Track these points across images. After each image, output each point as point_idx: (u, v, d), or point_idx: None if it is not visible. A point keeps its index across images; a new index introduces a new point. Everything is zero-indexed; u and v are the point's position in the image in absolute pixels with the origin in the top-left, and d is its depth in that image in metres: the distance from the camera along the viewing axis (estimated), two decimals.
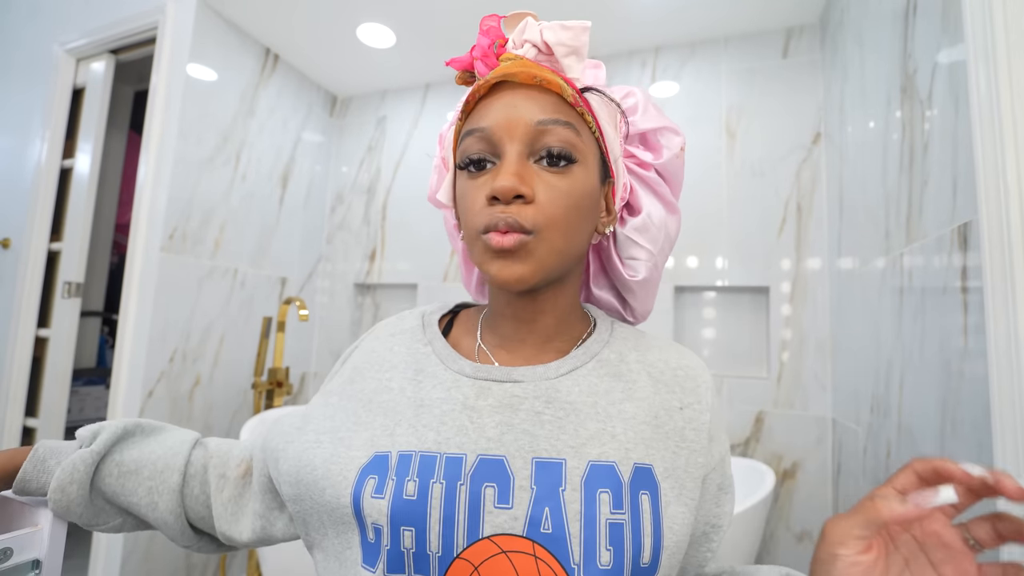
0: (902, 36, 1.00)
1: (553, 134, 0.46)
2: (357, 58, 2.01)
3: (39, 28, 2.00)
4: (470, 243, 0.48)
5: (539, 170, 0.46)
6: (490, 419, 0.46)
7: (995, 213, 0.67)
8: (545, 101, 0.46)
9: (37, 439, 1.78)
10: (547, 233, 0.45)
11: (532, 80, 0.46)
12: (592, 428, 0.46)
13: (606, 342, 0.53)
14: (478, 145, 0.47)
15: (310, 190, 2.21)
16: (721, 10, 1.62)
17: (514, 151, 0.45)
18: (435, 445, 0.45)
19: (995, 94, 0.67)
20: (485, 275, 0.47)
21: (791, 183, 1.61)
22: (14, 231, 1.89)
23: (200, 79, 1.69)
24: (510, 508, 0.42)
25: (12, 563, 0.44)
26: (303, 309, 1.69)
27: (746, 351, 1.66)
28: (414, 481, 0.44)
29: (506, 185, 0.43)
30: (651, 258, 0.55)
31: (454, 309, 0.61)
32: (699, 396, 0.51)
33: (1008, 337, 0.64)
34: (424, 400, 0.49)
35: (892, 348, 1.04)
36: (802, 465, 1.51)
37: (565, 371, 0.49)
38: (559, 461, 0.44)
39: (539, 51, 0.49)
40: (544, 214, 0.45)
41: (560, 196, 0.45)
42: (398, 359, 0.53)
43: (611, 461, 0.44)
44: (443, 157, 0.57)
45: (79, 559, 1.55)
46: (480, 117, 0.47)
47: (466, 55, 0.52)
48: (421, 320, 0.57)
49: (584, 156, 0.47)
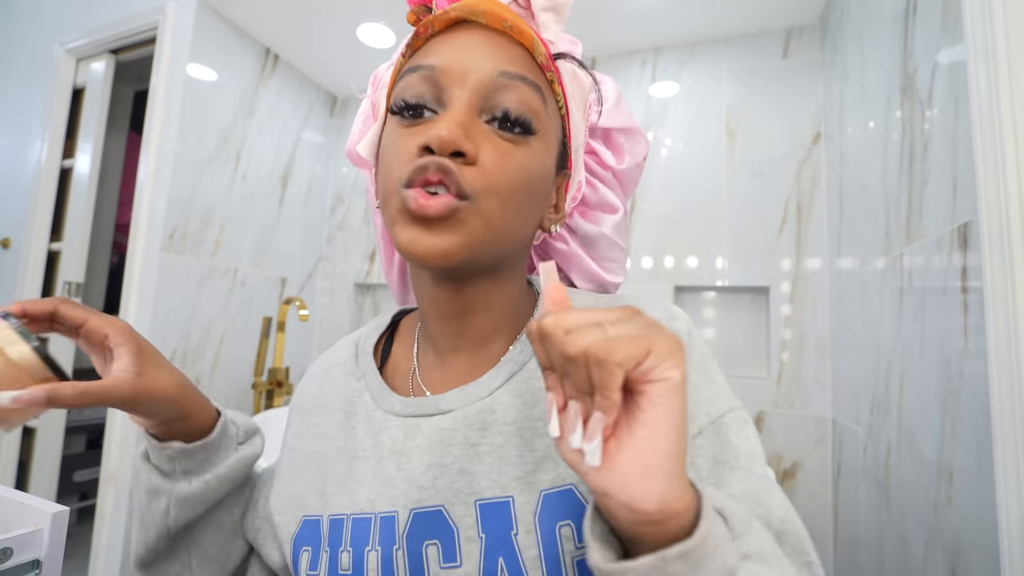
0: (902, 36, 1.00)
1: (514, 91, 0.37)
2: (357, 58, 2.01)
3: (39, 28, 2.00)
4: (384, 201, 0.38)
5: (489, 131, 0.37)
6: (419, 462, 0.39)
7: (995, 213, 0.67)
8: (511, 53, 0.38)
9: (37, 439, 1.78)
10: (486, 201, 0.36)
11: (500, 24, 0.38)
12: (540, 448, 0.37)
13: None
14: (420, 87, 0.37)
15: (310, 190, 2.21)
16: (721, 10, 1.62)
17: (463, 100, 0.36)
18: (368, 504, 0.39)
19: (995, 94, 0.67)
20: (396, 245, 0.37)
21: (791, 183, 1.61)
22: (14, 231, 1.89)
23: (200, 79, 1.69)
24: (459, 566, 0.35)
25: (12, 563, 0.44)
26: (303, 309, 1.69)
27: (746, 351, 1.66)
28: (347, 552, 0.38)
29: (443, 135, 0.34)
30: (625, 259, 0.51)
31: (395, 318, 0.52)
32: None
33: (1008, 337, 0.64)
34: (356, 450, 0.42)
35: (892, 348, 1.04)
36: (802, 465, 1.51)
37: (500, 383, 0.40)
38: (506, 500, 0.36)
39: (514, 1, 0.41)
40: (487, 179, 0.36)
41: (510, 165, 0.37)
42: (329, 399, 0.46)
43: (568, 484, 0.36)
44: (373, 102, 0.47)
45: (79, 559, 1.55)
46: (428, 54, 0.38)
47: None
48: (355, 349, 0.49)
49: (545, 130, 0.39)
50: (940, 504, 0.83)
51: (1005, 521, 0.64)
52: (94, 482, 2.07)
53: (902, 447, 0.99)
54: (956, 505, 0.78)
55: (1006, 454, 0.64)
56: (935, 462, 0.85)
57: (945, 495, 0.81)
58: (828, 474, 1.48)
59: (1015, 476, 0.63)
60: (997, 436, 0.65)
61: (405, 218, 0.36)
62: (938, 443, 0.84)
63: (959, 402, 0.77)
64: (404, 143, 0.37)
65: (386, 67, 0.47)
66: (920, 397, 0.91)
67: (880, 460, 1.10)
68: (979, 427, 0.71)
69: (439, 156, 0.35)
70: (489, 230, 0.37)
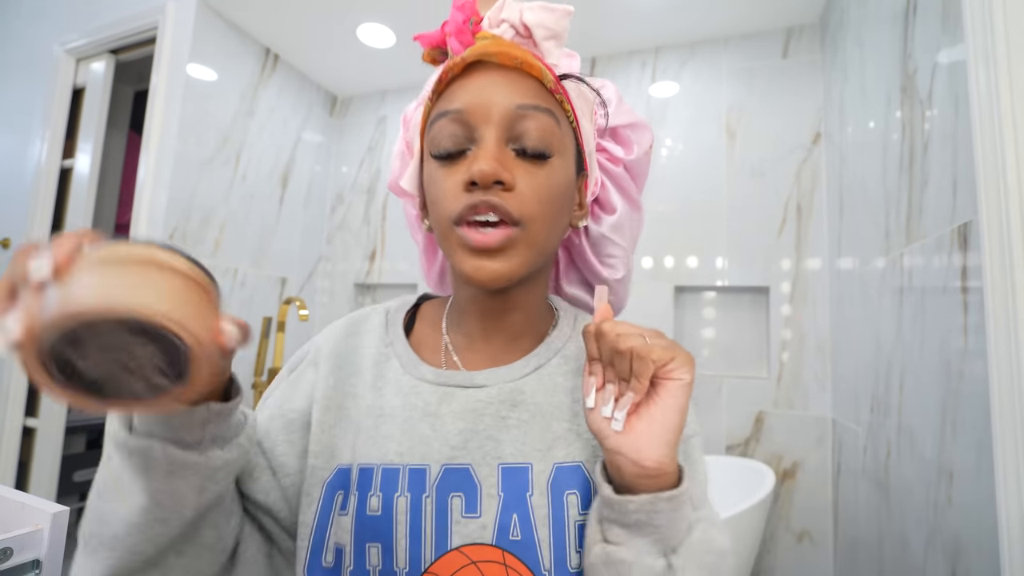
0: (902, 36, 1.00)
1: (532, 120, 0.43)
2: (357, 58, 2.01)
3: (39, 28, 2.00)
4: (442, 235, 0.44)
5: (517, 160, 0.43)
6: (453, 426, 0.44)
7: (995, 213, 0.67)
8: (524, 85, 0.43)
9: (37, 439, 1.78)
10: (531, 225, 0.42)
11: (511, 62, 0.43)
12: (558, 429, 0.45)
13: (568, 336, 0.51)
14: (451, 128, 0.43)
15: (310, 190, 2.21)
16: (721, 10, 1.63)
17: (492, 135, 0.42)
18: (396, 456, 0.43)
19: (995, 94, 0.67)
20: (458, 273, 0.44)
21: (791, 183, 1.61)
22: (14, 231, 1.89)
23: (200, 79, 1.69)
24: (478, 517, 0.41)
25: (12, 563, 0.44)
26: (303, 309, 1.69)
27: (746, 351, 1.66)
28: (377, 496, 0.42)
29: (486, 168, 0.40)
30: (626, 255, 0.55)
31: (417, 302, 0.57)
32: None
33: (1008, 337, 0.64)
34: (384, 408, 0.46)
35: (892, 348, 1.04)
36: (802, 465, 1.51)
37: (529, 370, 0.47)
38: (525, 466, 0.43)
39: (517, 33, 0.45)
40: (528, 204, 0.42)
41: (541, 187, 0.43)
42: (363, 363, 0.50)
43: (577, 461, 0.44)
44: (407, 141, 0.53)
45: None
46: (454, 98, 0.43)
47: (436, 31, 0.47)
48: (385, 318, 0.54)
49: (562, 148, 0.45)
50: (940, 504, 0.83)
51: (1005, 521, 0.64)
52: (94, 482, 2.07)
53: (902, 447, 0.98)
54: (956, 505, 0.78)
55: (1006, 454, 0.64)
56: (935, 462, 0.85)
57: (945, 495, 0.81)
58: (828, 474, 1.48)
59: (1015, 476, 0.63)
60: (997, 436, 0.65)
61: (466, 251, 0.42)
62: (938, 443, 0.84)
63: (959, 402, 0.77)
64: (447, 181, 0.43)
65: (414, 108, 0.52)
66: (920, 397, 0.91)
67: (880, 460, 1.10)
68: (979, 427, 0.71)
69: (484, 189, 0.41)
70: (536, 248, 0.44)
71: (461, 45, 0.46)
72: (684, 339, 1.72)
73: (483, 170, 0.40)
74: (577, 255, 0.56)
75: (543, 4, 0.45)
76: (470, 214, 0.41)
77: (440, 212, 0.43)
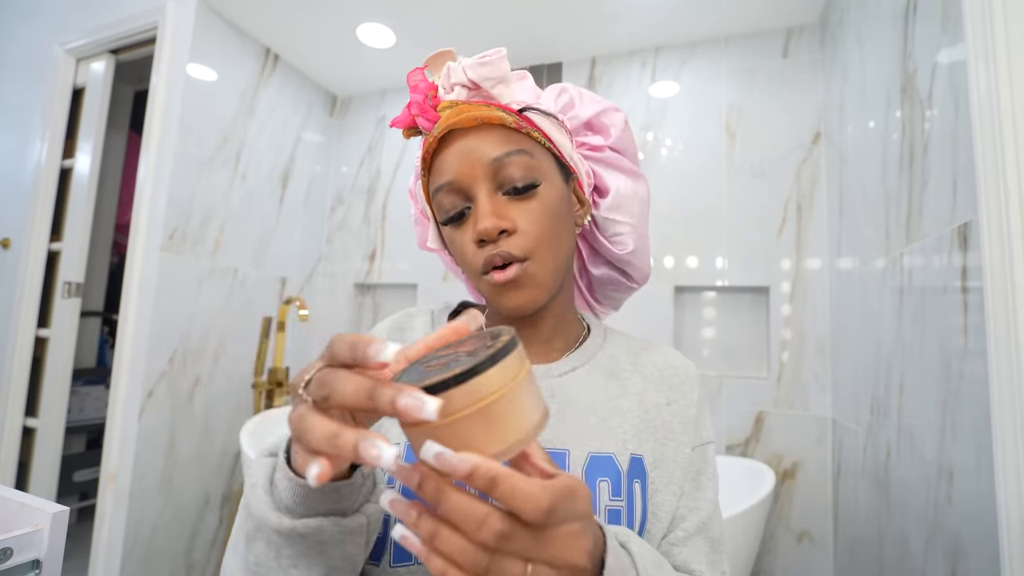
0: (902, 36, 1.00)
1: (511, 165, 0.48)
2: (357, 58, 2.01)
3: (39, 28, 2.00)
4: (475, 281, 0.51)
5: (509, 201, 0.49)
6: None
7: (995, 213, 0.67)
8: (493, 137, 0.49)
9: (37, 439, 1.78)
10: (538, 255, 0.48)
11: (475, 122, 0.48)
12: (591, 423, 0.50)
13: (600, 346, 0.57)
14: (450, 199, 0.50)
15: (310, 190, 2.21)
16: (721, 10, 1.62)
17: (483, 192, 0.48)
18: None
19: (995, 94, 0.67)
20: (499, 308, 0.50)
21: (791, 183, 1.61)
22: (14, 231, 1.89)
23: (200, 79, 1.69)
24: None
25: (12, 563, 0.44)
26: (303, 309, 1.69)
27: (746, 351, 1.66)
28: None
29: (487, 226, 0.46)
30: (633, 229, 0.58)
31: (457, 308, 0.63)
32: (684, 392, 0.55)
33: (1008, 337, 0.64)
34: None
35: (892, 348, 1.04)
36: (802, 465, 1.51)
37: (567, 370, 0.53)
38: (563, 451, 0.48)
39: (469, 89, 0.51)
40: (530, 239, 0.48)
41: (537, 218, 0.48)
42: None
43: (609, 452, 0.49)
44: (420, 210, 0.61)
45: (79, 559, 1.55)
46: (441, 172, 0.50)
47: (404, 113, 0.54)
48: (431, 318, 0.59)
49: (544, 172, 0.50)
50: (940, 504, 0.83)
51: (1005, 521, 0.64)
52: (94, 482, 2.07)
53: (902, 447, 0.99)
54: (956, 505, 0.78)
55: (1006, 454, 0.64)
56: (935, 462, 0.85)
57: (945, 495, 0.81)
58: (828, 474, 1.48)
59: (1015, 476, 0.63)
60: (997, 436, 0.65)
61: (495, 290, 0.49)
62: (938, 443, 0.84)
63: (959, 402, 0.77)
64: (462, 239, 0.50)
65: (414, 181, 0.60)
66: (920, 397, 0.91)
67: (880, 460, 1.10)
68: (979, 427, 0.71)
69: (492, 242, 0.47)
70: (550, 270, 0.49)
71: (429, 122, 0.52)
72: (684, 339, 1.72)
73: (485, 227, 0.47)
74: (594, 241, 0.61)
75: (478, 59, 0.50)
76: (488, 265, 0.48)
77: (466, 265, 0.51)
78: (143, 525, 1.56)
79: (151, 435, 1.58)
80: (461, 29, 1.79)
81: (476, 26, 1.77)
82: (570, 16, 1.69)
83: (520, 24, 1.74)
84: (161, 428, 1.61)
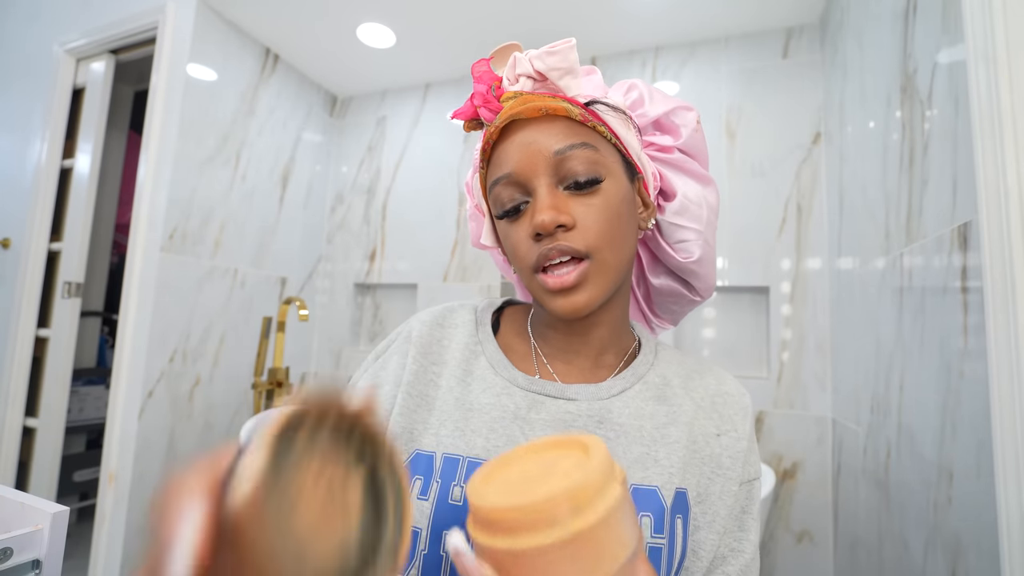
0: (902, 36, 1.00)
1: (574, 159, 0.46)
2: (357, 58, 2.01)
3: (39, 28, 2.00)
4: (526, 280, 0.49)
5: (571, 196, 0.46)
6: (543, 432, 0.46)
7: (995, 213, 0.67)
8: (557, 129, 0.46)
9: (37, 439, 1.78)
10: (600, 254, 0.46)
11: (539, 113, 0.46)
12: (637, 452, 0.47)
13: (651, 364, 0.54)
14: (508, 191, 0.48)
15: (310, 190, 2.21)
16: (721, 10, 1.62)
17: (543, 185, 0.46)
18: (483, 452, 0.46)
19: (995, 94, 0.67)
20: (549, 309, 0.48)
21: (791, 183, 1.61)
22: (14, 231, 1.89)
23: (200, 79, 1.69)
24: None
25: (12, 563, 0.44)
26: (303, 309, 1.69)
27: (746, 351, 1.66)
28: (460, 487, 0.44)
29: (545, 219, 0.44)
30: (699, 236, 0.54)
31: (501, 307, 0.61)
32: (736, 424, 0.51)
33: (1008, 337, 0.64)
34: (472, 404, 0.49)
35: (892, 348, 1.04)
36: (802, 465, 1.51)
37: (616, 392, 0.50)
38: None
39: (535, 80, 0.49)
40: (591, 236, 0.45)
41: (599, 215, 0.46)
42: (449, 355, 0.53)
43: (654, 486, 0.45)
44: (476, 204, 0.58)
45: (79, 559, 1.55)
46: (501, 163, 0.48)
47: (467, 105, 0.52)
48: (474, 316, 0.57)
49: (609, 168, 0.47)
50: (940, 504, 0.83)
51: (1005, 521, 0.64)
52: (94, 482, 2.07)
53: (902, 447, 0.98)
54: (956, 505, 0.78)
55: (1006, 454, 0.64)
56: (935, 462, 0.85)
57: (945, 495, 0.81)
58: (828, 474, 1.48)
59: (1015, 476, 0.63)
60: (997, 436, 0.65)
61: (550, 293, 0.46)
62: (938, 443, 0.84)
63: (959, 402, 0.77)
64: (517, 234, 0.47)
65: (471, 175, 0.57)
66: (920, 397, 0.91)
67: (880, 460, 1.10)
68: (979, 427, 0.71)
69: (549, 236, 0.45)
70: (611, 272, 0.47)
71: (491, 112, 0.50)
72: (684, 339, 1.72)
73: (543, 220, 0.44)
74: (656, 248, 0.57)
75: (547, 49, 0.47)
76: (544, 261, 0.45)
77: (519, 262, 0.48)
78: (143, 525, 1.56)
79: (151, 435, 1.58)
80: (461, 29, 1.79)
81: (476, 26, 1.77)
82: (570, 16, 1.69)
83: (520, 24, 1.74)
84: (161, 428, 1.61)
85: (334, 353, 2.18)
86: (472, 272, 2.00)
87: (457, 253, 2.03)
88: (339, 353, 2.17)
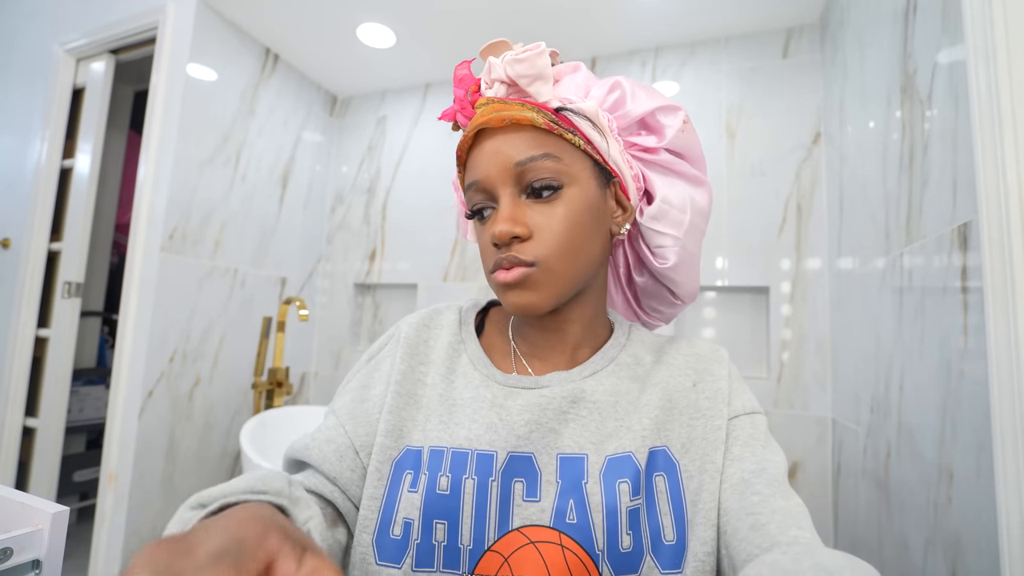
0: (902, 36, 1.00)
1: (534, 169, 0.47)
2: (357, 58, 2.01)
3: (39, 28, 2.00)
4: (488, 280, 0.51)
5: (531, 204, 0.48)
6: (520, 417, 0.48)
7: (995, 213, 0.67)
8: (521, 139, 0.48)
9: (37, 439, 1.78)
10: (549, 263, 0.47)
11: (503, 123, 0.48)
12: (611, 426, 0.49)
13: (623, 346, 0.55)
14: (477, 196, 0.50)
15: (310, 190, 2.21)
16: (721, 10, 1.62)
17: (506, 194, 0.48)
18: (466, 442, 0.48)
19: (995, 94, 0.67)
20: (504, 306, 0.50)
21: (791, 183, 1.61)
22: (14, 231, 1.89)
23: (200, 79, 1.69)
24: (538, 501, 0.45)
25: (12, 563, 0.44)
26: (303, 309, 1.69)
27: (746, 351, 1.66)
28: (447, 476, 0.46)
29: (501, 230, 0.46)
30: (677, 242, 0.53)
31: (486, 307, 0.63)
32: (712, 371, 0.52)
33: (1008, 337, 0.64)
34: (456, 400, 0.51)
35: (892, 348, 1.04)
36: (802, 465, 1.51)
37: (588, 374, 0.52)
38: (581, 456, 0.47)
39: (508, 86, 0.50)
40: (544, 246, 0.47)
41: (556, 223, 0.47)
42: (435, 355, 0.55)
43: (628, 452, 0.47)
44: (462, 200, 0.60)
45: (79, 559, 1.55)
46: (473, 168, 0.50)
47: (450, 107, 0.54)
48: (459, 316, 0.59)
49: (572, 176, 0.48)
50: (940, 504, 0.83)
51: (1005, 521, 0.64)
52: (94, 482, 2.07)
53: (902, 447, 0.99)
54: (956, 505, 0.78)
55: (1006, 454, 0.64)
56: (935, 462, 0.85)
57: (945, 495, 0.81)
58: (828, 474, 1.48)
59: (1015, 476, 0.63)
60: (997, 436, 0.65)
61: (502, 289, 0.49)
62: (938, 443, 0.84)
63: (959, 402, 0.77)
64: (482, 237, 0.51)
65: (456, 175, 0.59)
66: (920, 397, 0.91)
67: (880, 460, 1.10)
68: (979, 427, 0.71)
69: (504, 245, 0.47)
70: (559, 280, 0.48)
71: (466, 118, 0.52)
72: None
73: (498, 231, 0.46)
74: (639, 249, 0.57)
75: (515, 56, 0.49)
76: (498, 267, 0.48)
77: (483, 263, 0.51)
78: (143, 525, 1.56)
79: (151, 435, 1.58)
80: (461, 29, 1.79)
81: (476, 26, 1.77)
82: (570, 16, 1.69)
83: (520, 24, 1.74)
84: (161, 428, 1.61)
85: (334, 353, 2.18)
86: (472, 272, 2.00)
87: (457, 253, 2.03)
88: (339, 353, 2.17)
